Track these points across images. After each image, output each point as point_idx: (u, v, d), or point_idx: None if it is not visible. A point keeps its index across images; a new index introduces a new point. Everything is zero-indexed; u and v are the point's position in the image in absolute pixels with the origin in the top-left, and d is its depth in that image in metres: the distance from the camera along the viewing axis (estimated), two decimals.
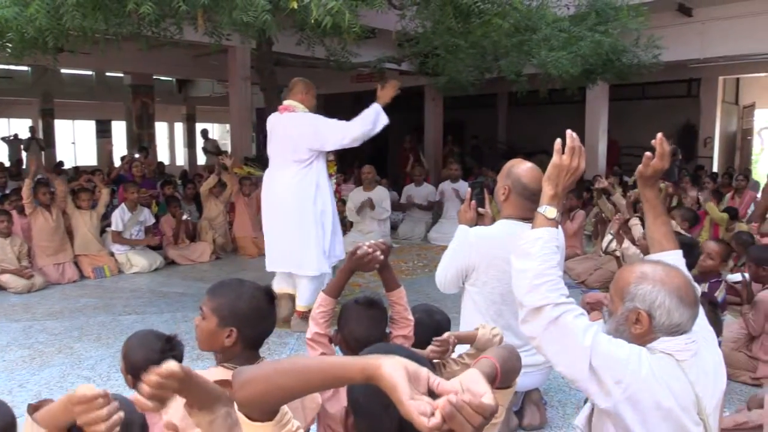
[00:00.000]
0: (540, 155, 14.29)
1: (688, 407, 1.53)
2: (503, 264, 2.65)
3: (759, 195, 8.44)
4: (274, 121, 4.44)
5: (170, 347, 2.05)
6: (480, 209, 2.87)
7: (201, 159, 16.68)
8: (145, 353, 2.01)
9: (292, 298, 4.51)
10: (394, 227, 8.56)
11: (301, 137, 4.26)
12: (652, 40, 8.00)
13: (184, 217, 7.11)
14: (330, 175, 4.59)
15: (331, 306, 2.06)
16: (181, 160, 19.72)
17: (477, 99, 13.51)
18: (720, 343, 2.83)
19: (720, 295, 3.69)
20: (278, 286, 4.47)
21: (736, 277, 4.21)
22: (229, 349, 1.74)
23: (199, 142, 16.53)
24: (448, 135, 13.84)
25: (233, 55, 9.08)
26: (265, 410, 1.02)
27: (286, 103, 4.43)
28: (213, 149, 14.63)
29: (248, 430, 1.03)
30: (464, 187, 8.41)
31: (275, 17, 4.35)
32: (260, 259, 7.13)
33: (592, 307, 4.57)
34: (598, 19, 7.43)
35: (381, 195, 7.64)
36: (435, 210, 8.79)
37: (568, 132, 1.70)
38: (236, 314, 1.71)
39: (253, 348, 1.77)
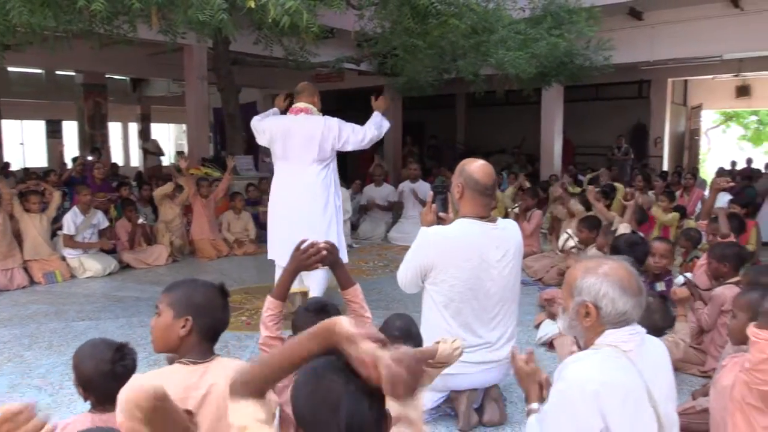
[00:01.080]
0: (497, 155, 14.56)
1: (641, 393, 1.62)
2: (461, 262, 2.70)
3: (706, 193, 8.77)
4: (288, 122, 4.49)
5: (121, 356, 1.99)
6: (441, 214, 2.93)
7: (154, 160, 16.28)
8: (96, 364, 1.94)
9: (303, 294, 4.57)
10: (354, 227, 8.56)
11: (325, 138, 4.42)
12: (603, 42, 8.23)
13: (140, 220, 6.93)
14: None
15: (279, 309, 2.06)
16: (135, 161, 19.28)
17: (436, 99, 13.64)
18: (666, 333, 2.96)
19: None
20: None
21: (680, 280, 4.36)
22: (184, 341, 1.75)
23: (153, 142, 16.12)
24: (407, 135, 13.93)
25: (189, 53, 8.93)
26: (259, 390, 1.16)
27: (300, 105, 4.50)
28: (154, 149, 14.29)
29: (240, 411, 1.14)
30: (424, 187, 8.47)
31: (232, 16, 4.30)
32: (219, 262, 7.07)
33: (549, 303, 4.67)
34: (553, 23, 7.60)
35: (342, 196, 7.63)
36: (395, 210, 8.83)
37: None
38: (191, 304, 1.76)
39: (209, 340, 1.80)
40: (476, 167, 2.77)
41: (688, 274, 3.84)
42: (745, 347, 2.14)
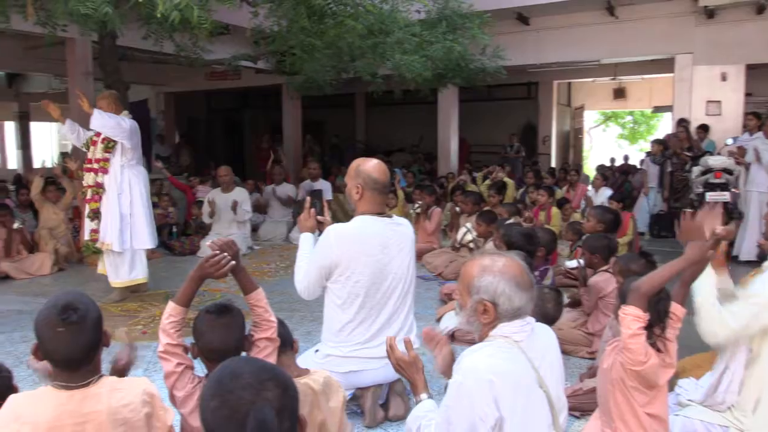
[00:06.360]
0: (397, 153, 14.79)
1: (531, 380, 1.71)
2: (365, 257, 2.75)
3: (589, 188, 9.38)
4: (135, 125, 5.17)
5: None
6: (319, 217, 2.97)
7: (38, 162, 15.15)
8: None
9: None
10: (254, 229, 8.40)
11: None
12: (498, 50, 8.59)
13: (16, 225, 6.37)
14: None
15: (181, 315, 1.99)
16: (13, 162, 17.83)
17: (336, 98, 13.63)
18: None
19: (548, 281, 4.10)
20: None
21: (573, 263, 4.63)
22: (50, 365, 1.67)
23: (37, 142, 14.98)
24: (307, 134, 13.83)
25: (72, 48, 8.36)
26: None
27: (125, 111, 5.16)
28: None
29: None
30: (325, 186, 8.47)
31: (118, 9, 4.09)
32: None
33: (449, 297, 4.82)
34: (448, 27, 7.81)
35: (241, 197, 7.46)
36: (295, 210, 8.75)
37: None
38: (36, 328, 1.64)
39: (63, 368, 1.64)
40: (372, 167, 2.84)
41: (581, 260, 4.10)
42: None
